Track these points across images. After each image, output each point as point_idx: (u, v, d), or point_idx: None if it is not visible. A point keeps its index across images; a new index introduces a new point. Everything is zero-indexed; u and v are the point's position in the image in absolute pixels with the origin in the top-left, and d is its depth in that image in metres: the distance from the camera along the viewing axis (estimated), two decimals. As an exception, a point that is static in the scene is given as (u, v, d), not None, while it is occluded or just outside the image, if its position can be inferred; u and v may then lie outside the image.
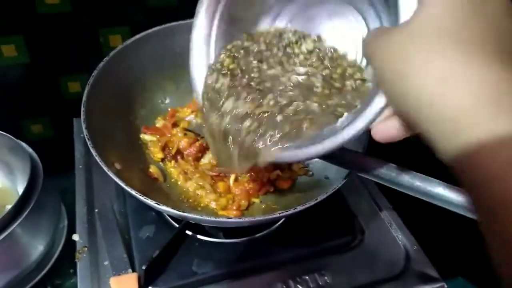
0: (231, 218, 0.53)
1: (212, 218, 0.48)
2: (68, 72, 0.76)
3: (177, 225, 0.59)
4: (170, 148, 0.64)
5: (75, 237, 0.59)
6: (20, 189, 0.68)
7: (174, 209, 0.47)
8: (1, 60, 0.70)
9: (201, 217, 0.48)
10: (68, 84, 0.77)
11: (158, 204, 0.47)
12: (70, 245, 0.66)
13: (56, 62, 0.74)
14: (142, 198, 0.47)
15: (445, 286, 0.57)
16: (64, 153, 0.71)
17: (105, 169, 0.49)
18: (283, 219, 0.60)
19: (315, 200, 0.49)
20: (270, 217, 0.51)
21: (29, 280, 0.63)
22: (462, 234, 0.64)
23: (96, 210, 0.62)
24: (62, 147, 0.73)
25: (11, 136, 0.65)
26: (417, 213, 0.71)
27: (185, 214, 0.48)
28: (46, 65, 0.74)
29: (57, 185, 0.70)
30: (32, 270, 0.64)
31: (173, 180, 0.64)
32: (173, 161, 0.64)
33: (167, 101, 0.71)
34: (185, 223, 0.57)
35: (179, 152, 0.64)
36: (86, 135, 0.51)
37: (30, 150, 0.67)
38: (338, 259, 0.59)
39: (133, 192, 0.47)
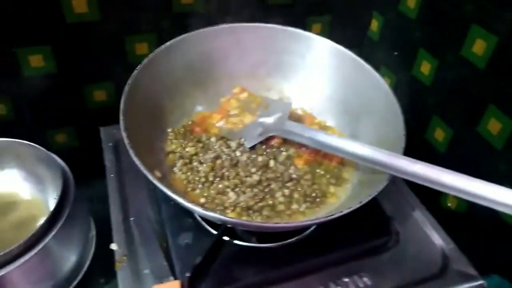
0: (277, 223, 0.53)
1: (258, 223, 0.48)
2: (93, 80, 0.75)
3: (214, 231, 0.59)
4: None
5: (114, 246, 0.58)
6: (50, 200, 0.68)
7: (219, 214, 0.47)
8: (28, 71, 0.69)
9: (247, 222, 0.48)
10: (93, 93, 0.76)
11: (205, 210, 0.47)
12: (100, 255, 0.67)
13: (82, 71, 0.74)
14: (189, 204, 0.47)
15: (485, 284, 0.57)
16: (89, 163, 0.71)
17: (150, 177, 0.48)
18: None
19: (360, 202, 0.49)
20: (312, 221, 0.51)
21: (62, 291, 0.63)
22: (494, 231, 0.64)
23: (132, 219, 0.62)
24: (87, 157, 0.73)
25: (41, 147, 0.65)
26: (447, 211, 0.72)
27: (231, 219, 0.48)
28: (72, 75, 0.73)
29: (84, 195, 0.70)
30: (65, 282, 0.63)
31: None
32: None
33: (196, 108, 0.70)
34: (224, 229, 0.57)
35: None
36: (129, 143, 0.51)
37: (60, 160, 0.67)
38: (375, 260, 0.59)
39: (179, 199, 0.47)
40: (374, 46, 0.87)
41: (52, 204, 0.60)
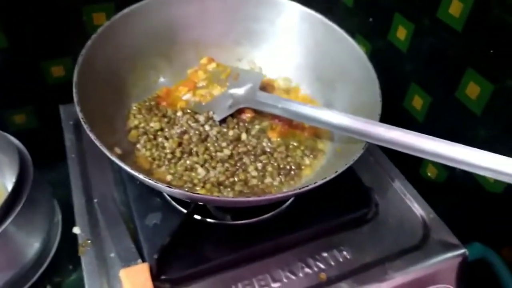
0: (249, 197, 0.50)
1: (229, 198, 0.45)
2: (50, 56, 0.70)
3: (184, 210, 0.55)
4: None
5: (76, 230, 0.55)
6: (8, 184, 0.64)
7: (187, 191, 0.44)
8: (-24, 46, 0.64)
9: (216, 198, 0.45)
10: (51, 69, 0.71)
11: (170, 187, 0.43)
12: (67, 240, 0.64)
13: (37, 46, 0.69)
14: (151, 182, 0.43)
15: (467, 252, 0.56)
16: (50, 144, 0.67)
17: (107, 154, 0.45)
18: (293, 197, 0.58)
19: (335, 172, 0.46)
20: (286, 194, 0.48)
21: (26, 280, 0.60)
22: (474, 199, 0.63)
23: (95, 200, 0.58)
24: (47, 138, 0.70)
25: (-6, 128, 0.61)
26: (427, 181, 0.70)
27: (200, 196, 0.44)
28: (26, 49, 0.68)
29: (46, 178, 0.66)
30: (29, 269, 0.60)
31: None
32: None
33: (161, 79, 0.66)
34: (194, 207, 0.53)
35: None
36: (82, 118, 0.47)
37: (16, 141, 0.63)
38: (355, 233, 0.57)
39: (141, 177, 0.44)
40: (348, 12, 0.83)
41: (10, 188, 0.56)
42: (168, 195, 0.56)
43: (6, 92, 0.71)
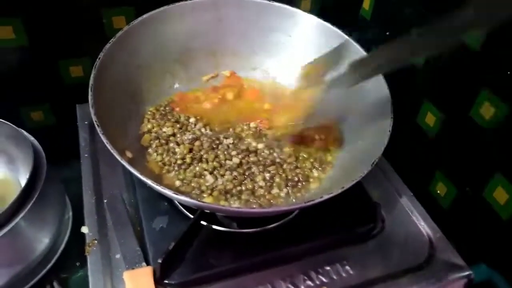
0: (253, 208, 0.50)
1: (233, 208, 0.45)
2: (69, 55, 0.72)
3: (191, 215, 0.56)
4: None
5: (84, 229, 0.56)
6: (22, 180, 0.65)
7: (192, 198, 0.44)
8: (-2, 43, 0.66)
9: (221, 207, 0.45)
10: (69, 68, 0.73)
11: (177, 194, 0.44)
12: (76, 237, 0.64)
13: (56, 45, 0.70)
14: (158, 187, 0.44)
15: (472, 274, 0.55)
16: (66, 142, 0.68)
17: (118, 157, 0.45)
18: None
19: (342, 188, 0.46)
20: (291, 207, 0.48)
21: (34, 275, 0.61)
22: (483, 219, 0.62)
23: (105, 201, 0.59)
24: (64, 135, 0.70)
25: (11, 124, 0.62)
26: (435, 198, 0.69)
27: (205, 204, 0.45)
28: (46, 49, 0.69)
29: (60, 175, 0.67)
30: (37, 264, 0.61)
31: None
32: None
33: (176, 85, 0.67)
34: (200, 213, 0.54)
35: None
36: (96, 121, 0.48)
37: (32, 138, 0.64)
38: (359, 248, 0.57)
39: (149, 182, 0.44)
40: (366, 25, 0.83)
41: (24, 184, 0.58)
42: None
43: (25, 89, 0.73)
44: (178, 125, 0.61)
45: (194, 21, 0.64)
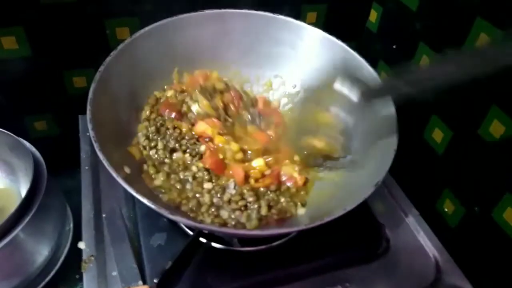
0: (251, 230, 0.49)
1: (231, 230, 0.44)
2: (73, 66, 0.71)
3: (190, 232, 0.55)
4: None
5: (81, 245, 0.55)
6: (23, 190, 0.65)
7: (189, 219, 0.43)
8: (1, 53, 0.65)
9: (218, 228, 0.44)
10: (73, 79, 0.72)
11: (172, 214, 0.43)
12: (76, 249, 0.63)
13: (60, 56, 0.70)
14: (153, 206, 0.43)
15: (480, 300, 0.53)
16: (69, 152, 0.68)
17: (114, 174, 0.44)
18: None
19: (344, 209, 0.45)
20: (291, 229, 0.47)
21: (33, 287, 0.60)
22: (491, 241, 0.60)
23: (104, 215, 0.58)
24: (67, 146, 0.70)
25: (11, 134, 0.62)
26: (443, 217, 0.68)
27: (201, 225, 0.44)
28: (49, 59, 0.69)
29: (62, 185, 0.67)
30: (36, 276, 0.61)
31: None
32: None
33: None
34: (199, 231, 0.53)
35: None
36: (93, 136, 0.47)
37: (33, 149, 0.64)
38: (363, 269, 0.56)
39: (145, 201, 0.43)
40: (372, 38, 0.82)
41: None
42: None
43: (29, 99, 0.73)
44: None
45: (199, 33, 0.63)
